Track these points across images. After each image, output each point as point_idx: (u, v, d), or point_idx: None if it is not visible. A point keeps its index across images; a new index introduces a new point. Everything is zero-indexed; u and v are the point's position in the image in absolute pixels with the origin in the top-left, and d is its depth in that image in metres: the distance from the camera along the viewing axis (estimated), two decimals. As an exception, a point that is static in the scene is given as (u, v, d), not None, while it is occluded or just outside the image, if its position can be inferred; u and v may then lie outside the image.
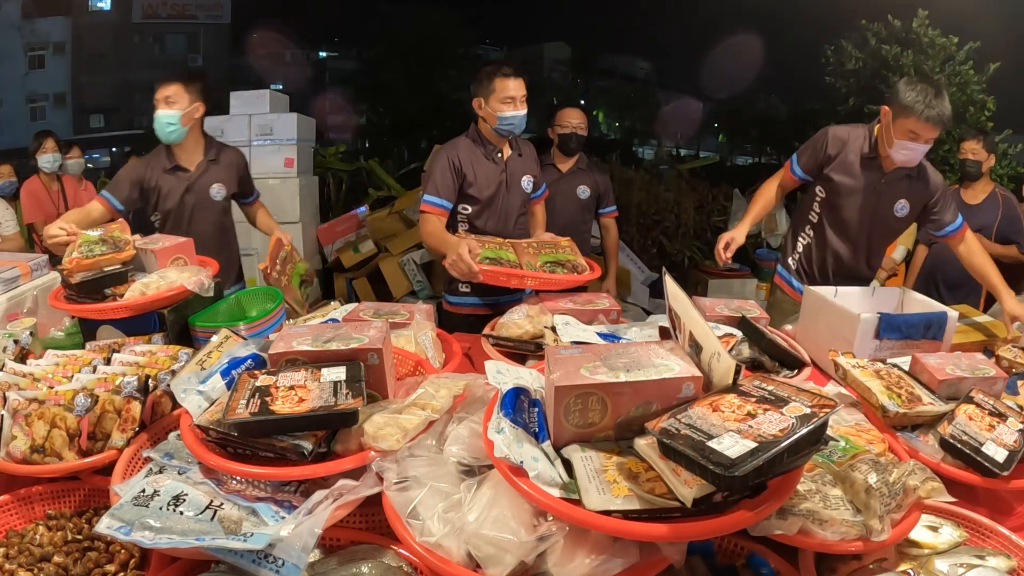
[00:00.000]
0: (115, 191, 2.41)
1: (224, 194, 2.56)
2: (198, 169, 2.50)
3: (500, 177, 2.39)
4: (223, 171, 2.56)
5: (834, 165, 2.32)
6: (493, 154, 2.38)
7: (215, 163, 2.53)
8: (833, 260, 2.43)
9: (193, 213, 2.49)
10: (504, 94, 2.26)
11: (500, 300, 2.34)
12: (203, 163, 2.51)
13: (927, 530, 1.10)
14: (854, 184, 2.30)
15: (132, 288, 1.72)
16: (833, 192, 2.35)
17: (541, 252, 2.05)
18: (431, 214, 2.28)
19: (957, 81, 5.95)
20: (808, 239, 2.50)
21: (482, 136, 2.38)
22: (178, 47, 21.18)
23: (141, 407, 1.24)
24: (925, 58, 6.03)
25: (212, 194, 2.52)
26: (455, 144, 2.37)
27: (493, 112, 2.29)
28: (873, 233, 2.37)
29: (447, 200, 2.30)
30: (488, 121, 2.33)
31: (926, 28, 6.03)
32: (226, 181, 2.55)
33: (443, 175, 2.30)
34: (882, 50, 6.23)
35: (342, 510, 1.00)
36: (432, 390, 1.20)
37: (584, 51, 25.81)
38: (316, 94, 15.36)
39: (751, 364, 1.59)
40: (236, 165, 2.62)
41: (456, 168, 2.31)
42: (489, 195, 2.37)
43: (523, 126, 2.36)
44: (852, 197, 2.31)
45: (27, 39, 19.05)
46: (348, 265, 5.19)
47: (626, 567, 0.88)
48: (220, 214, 2.59)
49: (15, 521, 1.20)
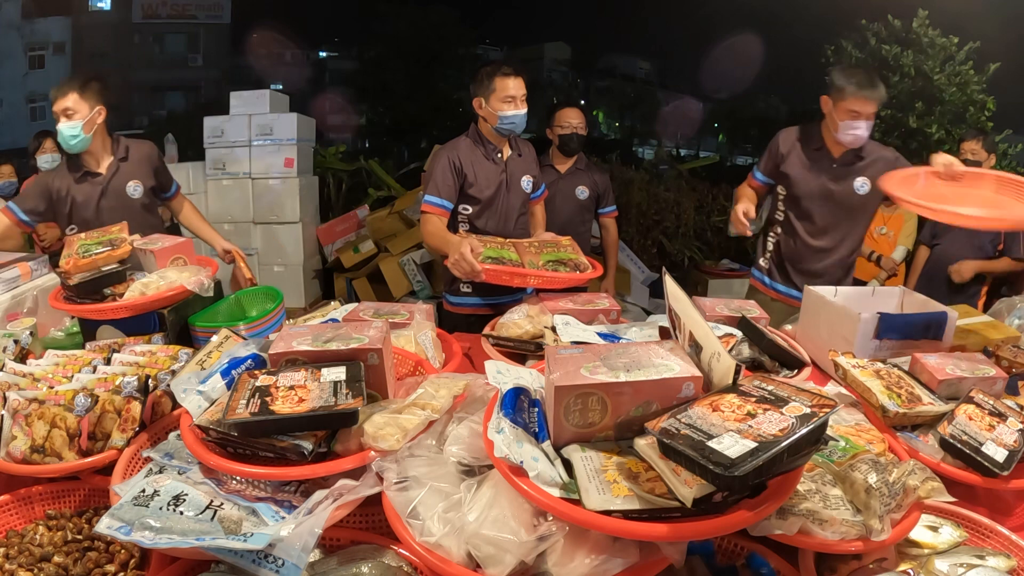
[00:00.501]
0: (21, 202, 2.38)
1: (142, 190, 2.49)
2: (109, 170, 2.44)
3: (500, 177, 2.39)
4: (136, 167, 2.49)
5: (788, 163, 2.52)
6: (493, 154, 2.38)
7: (125, 161, 2.48)
8: (807, 250, 2.55)
9: (112, 217, 2.33)
10: (504, 93, 2.26)
11: (501, 300, 2.34)
12: (114, 163, 2.45)
13: (927, 530, 1.10)
14: (809, 175, 2.48)
15: (132, 288, 1.72)
16: (791, 187, 2.53)
17: (543, 251, 2.05)
18: (432, 214, 2.28)
19: (957, 81, 5.95)
20: (777, 236, 2.65)
21: (482, 136, 2.38)
22: (178, 47, 21.17)
23: (141, 407, 1.24)
24: (925, 58, 6.02)
25: (128, 192, 2.46)
26: (455, 144, 2.37)
27: (494, 112, 2.29)
28: (839, 214, 2.50)
29: (448, 200, 2.30)
30: (489, 121, 2.33)
31: (926, 28, 6.02)
32: (141, 177, 2.49)
33: (444, 175, 2.30)
34: (882, 50, 6.22)
35: (342, 510, 1.00)
36: (432, 390, 1.20)
37: (584, 51, 25.84)
38: (316, 94, 15.34)
39: (751, 364, 1.59)
40: (148, 157, 2.55)
41: (457, 168, 2.31)
42: (489, 195, 2.37)
43: (523, 125, 2.36)
44: (809, 187, 2.48)
45: (27, 39, 19.03)
46: (348, 265, 5.19)
47: (626, 567, 0.88)
48: (142, 213, 2.49)
49: (15, 521, 1.20)
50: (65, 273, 1.75)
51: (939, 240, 3.63)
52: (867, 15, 6.45)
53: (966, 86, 5.95)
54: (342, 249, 5.26)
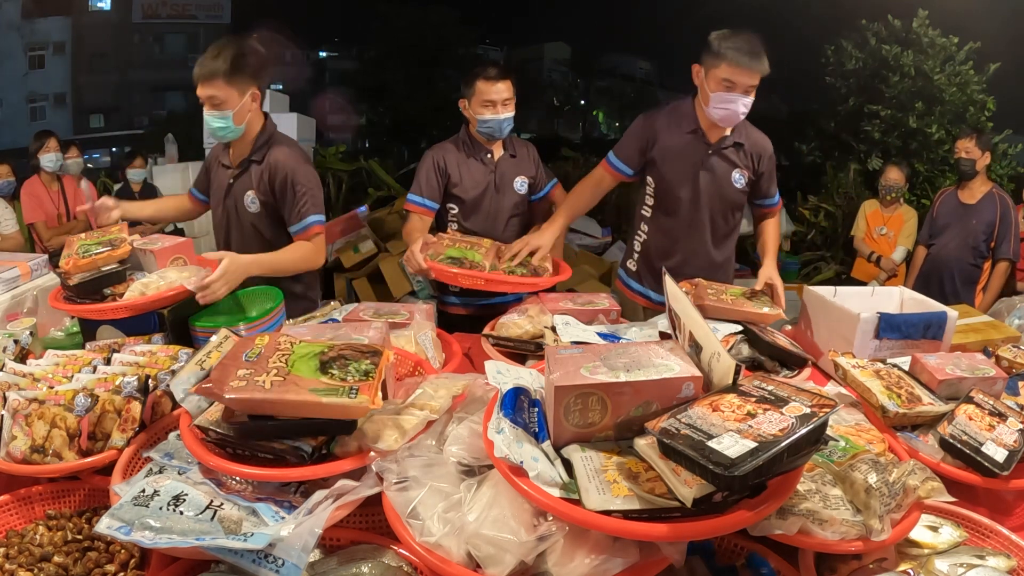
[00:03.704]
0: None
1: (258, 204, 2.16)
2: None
3: (488, 178, 2.37)
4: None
5: (657, 148, 2.16)
6: (481, 155, 2.36)
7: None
8: (675, 249, 2.25)
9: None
10: (484, 97, 2.23)
11: (488, 302, 2.34)
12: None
13: (927, 530, 1.10)
14: (681, 164, 2.14)
15: (132, 288, 1.72)
16: (661, 178, 2.19)
17: (508, 261, 2.05)
18: (412, 212, 2.33)
19: (957, 81, 5.96)
20: (644, 235, 2.32)
21: (471, 137, 2.37)
22: (178, 47, 21.17)
23: (141, 407, 1.24)
24: (925, 58, 6.02)
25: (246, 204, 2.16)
26: (443, 145, 2.38)
27: (474, 114, 2.28)
28: (714, 211, 2.20)
29: (430, 200, 2.32)
30: (472, 123, 2.32)
31: (926, 28, 6.03)
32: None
33: (427, 175, 2.32)
34: (882, 50, 6.22)
35: (342, 510, 1.00)
36: (431, 390, 1.20)
37: (584, 51, 25.80)
38: (316, 94, 15.35)
39: (751, 364, 1.59)
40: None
41: (440, 169, 2.31)
42: (475, 196, 2.36)
43: (505, 130, 2.30)
44: (682, 177, 2.15)
45: (27, 39, 19.03)
46: (348, 265, 5.19)
47: (626, 567, 0.88)
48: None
49: (15, 521, 1.20)
50: (65, 273, 1.75)
51: (935, 240, 3.65)
52: (867, 15, 6.45)
53: (966, 86, 5.96)
54: (342, 249, 5.25)
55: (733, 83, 1.94)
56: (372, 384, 1.06)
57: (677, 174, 2.16)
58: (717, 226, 2.23)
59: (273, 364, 1.09)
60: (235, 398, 1.01)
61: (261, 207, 2.08)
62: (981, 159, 3.44)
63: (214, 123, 1.96)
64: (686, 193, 2.17)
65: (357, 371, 1.09)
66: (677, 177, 2.16)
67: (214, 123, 1.96)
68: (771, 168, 2.21)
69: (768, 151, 2.17)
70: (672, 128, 2.15)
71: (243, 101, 1.94)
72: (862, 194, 5.83)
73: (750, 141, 2.15)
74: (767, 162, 2.19)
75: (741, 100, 1.96)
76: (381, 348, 1.18)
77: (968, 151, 3.43)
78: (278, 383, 1.04)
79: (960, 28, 6.04)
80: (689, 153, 2.13)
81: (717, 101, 1.97)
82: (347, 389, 1.04)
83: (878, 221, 4.15)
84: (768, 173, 2.20)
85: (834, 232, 6.11)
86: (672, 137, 2.14)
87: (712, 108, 2.00)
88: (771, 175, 2.21)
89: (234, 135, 2.01)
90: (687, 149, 2.13)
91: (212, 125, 1.97)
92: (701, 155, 2.12)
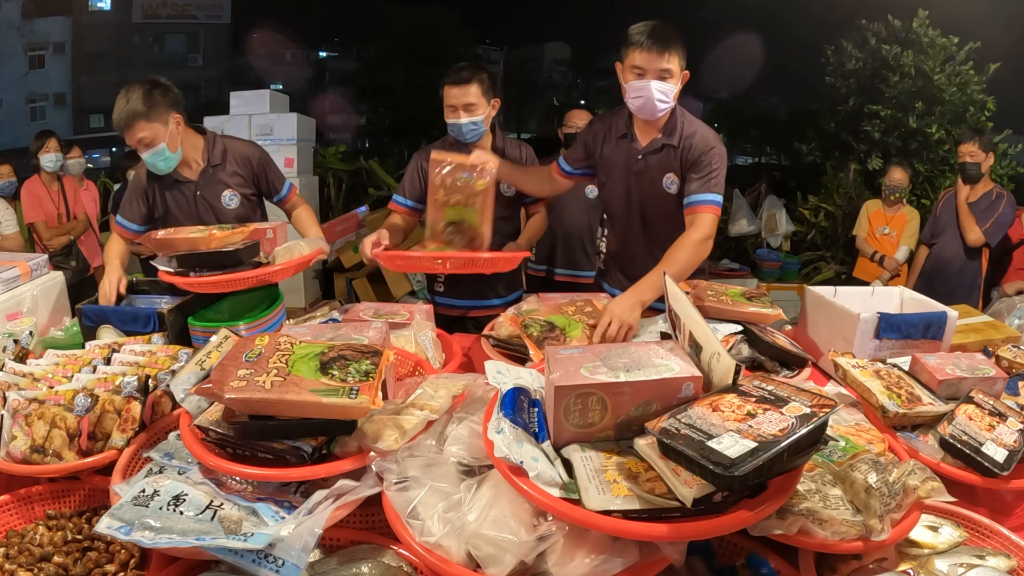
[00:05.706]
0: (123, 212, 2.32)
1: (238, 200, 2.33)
2: (201, 177, 2.23)
3: None
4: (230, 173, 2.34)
5: (598, 153, 2.12)
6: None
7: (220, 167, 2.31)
8: (624, 254, 2.22)
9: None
10: (446, 101, 2.21)
11: (476, 304, 2.37)
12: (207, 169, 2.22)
13: (927, 530, 1.10)
14: (613, 169, 2.09)
15: (277, 254, 1.91)
16: (602, 185, 2.17)
17: (448, 207, 2.11)
18: (392, 211, 2.41)
19: (957, 81, 5.95)
20: (605, 238, 2.35)
21: (457, 139, 2.34)
22: (178, 47, 21.17)
23: (141, 407, 1.24)
24: (925, 58, 6.02)
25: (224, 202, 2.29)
26: (429, 147, 2.37)
27: (446, 118, 2.26)
28: (647, 217, 2.10)
29: (411, 200, 2.37)
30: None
31: (926, 28, 6.02)
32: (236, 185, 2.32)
33: (410, 177, 2.37)
34: (882, 50, 6.22)
35: (342, 510, 1.00)
36: (431, 390, 1.20)
37: (584, 51, 25.80)
38: (316, 94, 15.34)
39: (751, 364, 1.59)
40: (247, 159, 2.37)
41: (423, 171, 2.31)
42: None
43: (467, 135, 2.23)
44: (615, 182, 2.10)
45: (27, 39, 19.03)
46: (348, 265, 5.19)
47: (626, 567, 0.88)
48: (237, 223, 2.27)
49: (15, 521, 1.20)
50: (204, 242, 1.80)
51: (936, 239, 3.66)
52: (867, 15, 6.45)
53: (966, 86, 5.95)
54: (342, 249, 5.26)
55: (643, 69, 1.85)
56: (372, 384, 1.06)
57: (612, 180, 2.12)
58: (658, 232, 2.09)
59: (273, 364, 1.09)
60: (235, 398, 1.01)
61: (241, 200, 2.28)
62: (986, 161, 3.45)
63: (154, 160, 2.05)
64: (621, 199, 2.12)
65: (357, 371, 1.09)
66: (611, 183, 2.13)
67: (154, 160, 2.05)
68: (706, 164, 1.96)
69: (704, 147, 1.96)
70: (610, 134, 2.10)
71: (169, 130, 2.03)
72: (862, 194, 5.83)
73: (687, 142, 1.98)
74: (701, 158, 1.96)
75: (654, 86, 1.85)
76: (381, 348, 1.18)
77: (972, 155, 3.44)
78: (278, 383, 1.04)
79: (960, 28, 6.04)
80: (621, 159, 2.07)
81: (631, 91, 1.90)
82: (347, 389, 1.04)
83: (881, 221, 4.15)
84: (696, 167, 1.97)
85: (834, 232, 6.11)
86: (608, 143, 2.10)
87: (629, 99, 1.93)
88: (703, 171, 1.96)
89: (176, 161, 2.10)
90: (618, 155, 2.08)
91: (154, 163, 2.06)
92: (631, 161, 2.05)
